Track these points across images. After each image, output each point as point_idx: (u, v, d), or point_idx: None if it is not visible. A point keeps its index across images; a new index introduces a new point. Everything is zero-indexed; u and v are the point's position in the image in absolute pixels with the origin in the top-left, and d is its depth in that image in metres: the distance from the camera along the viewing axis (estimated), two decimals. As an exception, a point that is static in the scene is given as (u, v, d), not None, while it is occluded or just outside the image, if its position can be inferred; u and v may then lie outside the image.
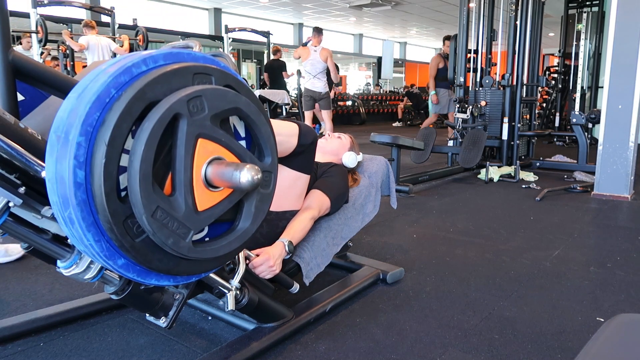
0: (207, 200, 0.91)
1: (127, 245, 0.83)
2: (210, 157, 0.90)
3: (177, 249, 0.86)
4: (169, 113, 0.82)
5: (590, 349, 0.60)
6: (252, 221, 1.00)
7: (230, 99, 0.92)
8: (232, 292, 1.29)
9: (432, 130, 5.02)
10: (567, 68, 8.01)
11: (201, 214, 0.90)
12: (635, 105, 3.50)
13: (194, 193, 0.88)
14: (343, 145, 2.05)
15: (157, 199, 0.82)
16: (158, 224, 0.82)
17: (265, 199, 1.02)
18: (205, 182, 0.90)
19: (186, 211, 0.86)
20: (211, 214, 0.92)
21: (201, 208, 0.90)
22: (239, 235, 0.99)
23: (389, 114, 13.63)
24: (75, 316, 1.62)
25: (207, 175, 0.89)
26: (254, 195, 0.99)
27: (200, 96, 0.86)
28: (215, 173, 0.89)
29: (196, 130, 0.86)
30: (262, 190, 1.01)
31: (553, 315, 1.71)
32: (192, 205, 0.88)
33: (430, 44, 20.90)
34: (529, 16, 4.88)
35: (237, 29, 9.51)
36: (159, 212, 0.83)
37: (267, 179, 1.02)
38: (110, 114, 0.78)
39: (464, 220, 3.04)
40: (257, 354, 1.39)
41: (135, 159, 0.79)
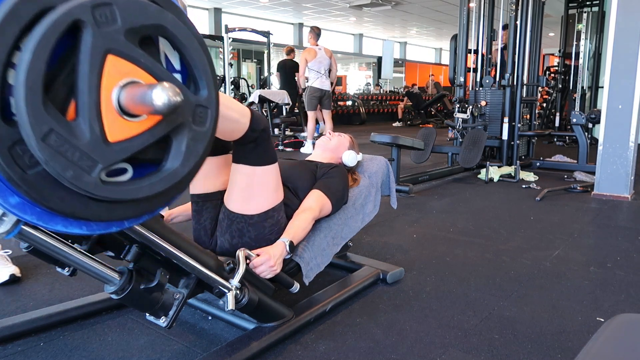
0: (122, 130, 0.77)
1: (16, 177, 0.70)
2: (124, 80, 0.76)
3: (80, 185, 0.73)
4: (67, 17, 0.69)
5: (590, 349, 0.60)
6: (183, 162, 0.86)
7: (152, 14, 0.79)
8: (232, 291, 1.29)
9: (432, 130, 5.02)
10: (567, 68, 8.01)
11: (113, 146, 0.76)
12: (635, 105, 3.50)
13: (102, 119, 0.74)
14: (343, 144, 2.05)
15: (50, 119, 0.69)
16: (51, 151, 0.69)
17: (199, 138, 0.88)
18: (119, 109, 0.76)
19: (91, 140, 0.73)
20: (127, 147, 0.78)
21: (113, 139, 0.76)
22: (164, 176, 0.84)
23: (389, 114, 13.63)
24: (75, 316, 1.62)
25: (120, 100, 0.76)
26: (185, 131, 0.85)
27: (111, 4, 0.73)
28: (130, 97, 0.76)
29: (104, 44, 0.73)
30: (196, 128, 0.87)
31: (553, 315, 1.71)
32: (100, 133, 0.74)
33: (430, 44, 20.90)
34: (529, 16, 4.88)
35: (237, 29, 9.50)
36: (54, 137, 0.69)
37: (201, 114, 0.88)
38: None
39: (464, 220, 3.04)
40: (257, 354, 1.39)
41: (21, 69, 0.67)
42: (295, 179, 1.77)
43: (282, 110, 7.61)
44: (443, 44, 20.40)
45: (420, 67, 20.42)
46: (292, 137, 7.08)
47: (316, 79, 6.14)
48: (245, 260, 1.36)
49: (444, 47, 21.11)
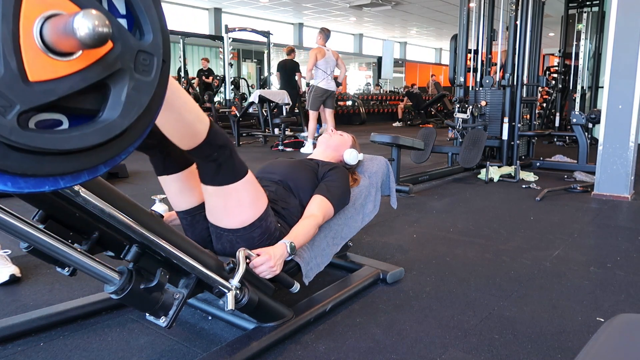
0: (47, 69, 0.68)
1: None
2: (48, 11, 0.67)
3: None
4: None
5: (590, 349, 0.60)
6: (122, 113, 0.76)
7: None
8: (232, 291, 1.29)
9: (432, 130, 5.02)
10: (567, 68, 8.01)
11: (35, 86, 0.66)
12: (635, 105, 3.50)
13: (21, 54, 0.65)
14: (345, 142, 2.05)
15: None
16: None
17: (143, 89, 0.78)
18: (42, 45, 0.67)
19: (6, 76, 0.64)
20: (52, 89, 0.68)
21: (35, 78, 0.67)
22: (100, 127, 0.74)
23: (389, 114, 13.63)
24: (75, 316, 1.62)
25: (44, 34, 0.66)
26: (125, 80, 0.75)
27: None
28: (52, 29, 0.66)
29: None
30: (138, 76, 0.77)
31: (553, 315, 1.71)
32: (18, 70, 0.65)
33: (430, 44, 20.91)
34: (529, 16, 4.88)
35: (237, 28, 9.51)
36: None
37: (145, 62, 0.78)
38: None
39: (464, 220, 3.04)
40: (257, 354, 1.39)
41: None
42: (295, 178, 1.77)
43: (282, 110, 7.61)
44: (443, 44, 20.41)
45: (420, 67, 20.42)
46: (292, 137, 7.08)
47: (322, 79, 6.17)
48: (245, 260, 1.36)
49: (444, 47, 21.12)
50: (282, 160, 1.94)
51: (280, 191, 1.71)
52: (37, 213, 1.08)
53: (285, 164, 1.87)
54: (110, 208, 1.03)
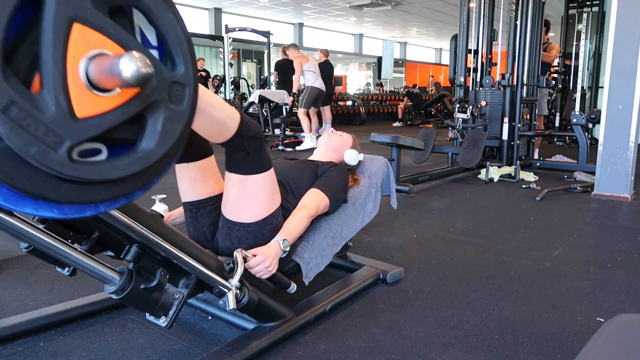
0: (91, 105, 0.72)
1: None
2: (92, 51, 0.71)
3: (45, 162, 0.68)
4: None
5: (590, 349, 0.60)
6: (159, 142, 0.81)
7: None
8: (232, 291, 1.29)
9: (432, 130, 5.02)
10: (567, 68, 8.01)
11: (82, 122, 0.71)
12: (635, 105, 3.50)
13: (69, 93, 0.70)
14: (345, 142, 2.05)
15: (10, 90, 0.65)
16: (12, 125, 0.65)
17: (176, 118, 0.83)
18: (88, 83, 0.72)
19: (57, 114, 0.68)
20: (97, 124, 0.73)
21: (82, 114, 0.71)
22: (139, 157, 0.80)
23: (389, 114, 13.63)
24: (75, 316, 1.62)
25: (89, 73, 0.71)
26: (161, 110, 0.81)
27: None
28: (98, 69, 0.71)
29: (69, 11, 0.68)
30: (172, 106, 0.83)
31: (553, 315, 1.71)
32: (67, 108, 0.69)
33: (430, 44, 20.91)
34: (529, 16, 4.88)
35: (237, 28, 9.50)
36: (15, 110, 0.65)
37: (178, 92, 0.83)
38: None
39: (464, 220, 3.04)
40: (257, 354, 1.39)
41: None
42: (295, 179, 1.77)
43: (282, 110, 7.61)
44: (443, 44, 20.41)
45: (420, 67, 20.42)
46: (292, 137, 7.08)
47: (315, 80, 6.37)
48: (243, 260, 1.36)
49: (444, 47, 21.12)
50: (283, 160, 1.94)
51: (280, 191, 1.71)
52: (37, 213, 1.08)
53: (286, 164, 1.87)
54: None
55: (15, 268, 2.09)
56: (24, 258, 2.18)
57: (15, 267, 2.10)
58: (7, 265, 2.12)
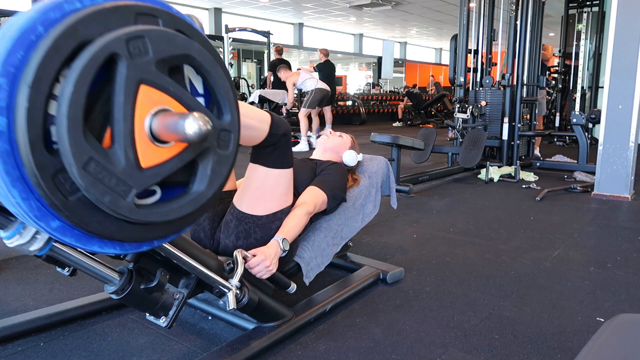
0: (154, 156, 0.81)
1: (59, 203, 0.74)
2: (155, 108, 0.80)
3: (116, 209, 0.77)
4: (104, 51, 0.72)
5: (590, 349, 0.60)
6: (208, 185, 0.90)
7: (180, 44, 0.82)
8: (232, 291, 1.29)
9: (432, 130, 5.02)
10: (567, 68, 8.01)
11: (145, 172, 0.80)
12: (635, 105, 3.50)
13: (136, 146, 0.78)
14: (344, 143, 2.05)
15: (89, 149, 0.73)
16: (91, 178, 0.73)
17: (223, 162, 0.92)
18: (151, 136, 0.80)
19: (126, 166, 0.77)
20: (158, 172, 0.82)
21: (146, 165, 0.80)
22: (192, 199, 0.89)
23: (389, 114, 13.63)
24: (75, 316, 1.62)
25: (152, 127, 0.80)
26: (210, 156, 0.89)
27: (143, 37, 0.77)
28: (161, 125, 0.80)
29: (137, 75, 0.77)
30: (220, 151, 0.91)
31: (553, 315, 1.71)
32: (134, 160, 0.78)
33: (430, 44, 20.90)
34: (529, 16, 4.88)
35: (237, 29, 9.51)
36: (93, 165, 0.73)
37: (225, 138, 0.91)
38: (35, 53, 0.69)
39: (464, 220, 3.04)
40: (257, 354, 1.39)
41: (63, 102, 0.70)
42: (295, 178, 1.77)
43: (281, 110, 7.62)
44: (443, 44, 20.41)
45: (420, 67, 20.41)
46: (292, 137, 7.10)
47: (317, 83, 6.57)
48: (243, 260, 1.36)
49: (444, 47, 21.11)
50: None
51: None
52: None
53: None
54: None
55: (15, 268, 2.09)
56: (24, 258, 2.18)
57: (15, 267, 2.10)
58: (7, 265, 2.12)
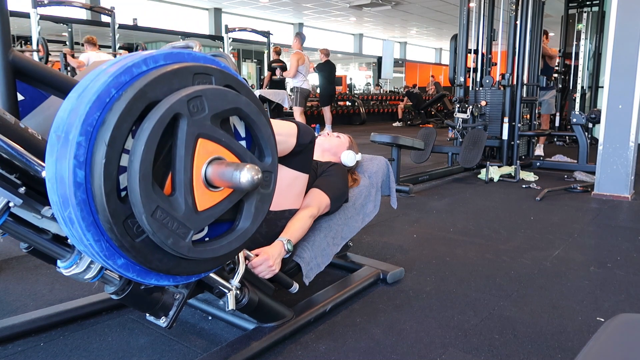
0: (207, 200, 0.91)
1: (127, 245, 0.83)
2: (210, 157, 0.90)
3: (176, 249, 0.86)
4: (170, 113, 0.82)
5: (590, 349, 0.60)
6: (252, 221, 1.00)
7: (231, 99, 0.92)
8: (232, 291, 1.29)
9: (432, 130, 5.02)
10: (567, 68, 8.01)
11: (201, 214, 0.89)
12: (635, 105, 3.50)
13: (194, 193, 0.88)
14: (342, 144, 2.05)
15: (156, 198, 0.82)
16: (158, 224, 0.82)
17: (265, 199, 1.02)
18: (206, 182, 0.90)
19: (186, 211, 0.86)
20: (211, 214, 0.91)
21: (201, 208, 0.89)
22: (239, 235, 0.99)
23: (389, 114, 13.63)
24: (75, 316, 1.62)
25: (207, 175, 0.89)
26: (254, 196, 0.99)
27: (201, 96, 0.86)
28: (216, 173, 0.89)
29: (196, 131, 0.86)
30: (262, 190, 1.01)
31: (553, 315, 1.71)
32: (192, 205, 0.87)
33: (430, 43, 20.91)
34: (529, 16, 4.88)
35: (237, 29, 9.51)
36: (159, 212, 0.82)
37: (267, 179, 1.02)
38: (110, 114, 0.78)
39: (464, 220, 3.04)
40: (257, 354, 1.39)
41: (135, 159, 0.79)
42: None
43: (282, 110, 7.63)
44: (443, 44, 20.41)
45: (420, 67, 20.42)
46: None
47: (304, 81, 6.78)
48: (245, 260, 1.36)
49: (444, 47, 21.11)
50: (282, 160, 1.94)
51: None
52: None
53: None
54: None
55: (15, 268, 2.09)
56: (24, 258, 2.18)
57: (15, 267, 2.10)
58: (7, 265, 2.12)
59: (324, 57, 8.00)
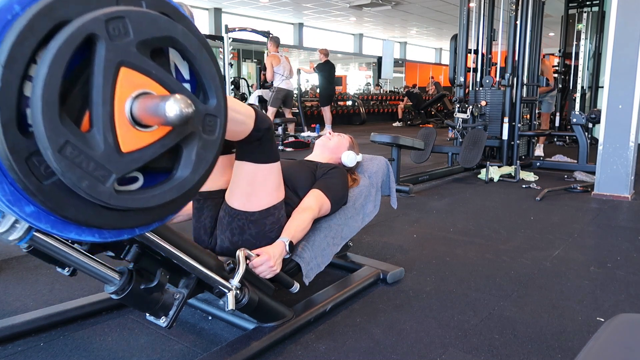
0: (135, 140, 0.79)
1: (33, 187, 0.72)
2: (136, 91, 0.78)
3: (94, 195, 0.75)
4: (81, 32, 0.70)
5: (590, 349, 0.60)
6: (193, 170, 0.87)
7: (163, 26, 0.80)
8: (232, 291, 1.29)
9: (432, 130, 5.02)
10: (567, 68, 8.01)
11: (126, 156, 0.77)
12: (635, 105, 3.50)
13: (116, 130, 0.76)
14: (343, 144, 2.05)
15: (65, 132, 0.71)
16: (67, 163, 0.71)
17: (209, 147, 0.89)
18: (132, 120, 0.78)
19: (106, 150, 0.75)
20: (139, 157, 0.79)
21: (126, 149, 0.77)
22: (175, 185, 0.86)
23: (389, 114, 13.62)
24: (75, 316, 1.62)
25: (133, 111, 0.77)
26: (195, 141, 0.87)
27: (123, 17, 0.75)
28: (142, 108, 0.77)
29: (117, 57, 0.75)
30: (205, 136, 0.88)
31: (553, 315, 1.71)
32: (114, 144, 0.76)
33: (431, 43, 20.89)
34: (529, 16, 4.88)
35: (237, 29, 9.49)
36: (69, 149, 0.71)
37: (211, 123, 0.89)
38: (10, 32, 0.68)
39: (464, 220, 3.04)
40: (257, 354, 1.39)
41: (37, 83, 0.68)
42: (294, 179, 1.77)
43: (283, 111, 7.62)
44: (443, 44, 20.40)
45: (420, 67, 20.40)
46: (292, 137, 7.09)
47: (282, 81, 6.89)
48: (245, 260, 1.36)
49: (444, 47, 21.10)
50: (281, 161, 1.94)
51: None
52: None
53: (285, 164, 1.87)
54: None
55: (15, 268, 2.09)
56: (24, 258, 2.18)
57: (15, 267, 2.10)
58: (7, 265, 2.12)
59: (323, 57, 8.00)
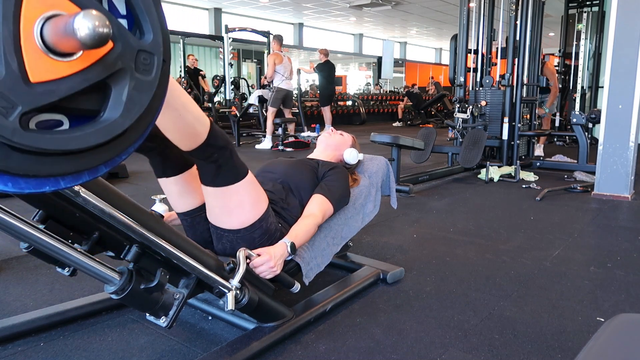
0: (48, 70, 0.67)
1: None
2: (49, 12, 0.66)
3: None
4: None
5: (590, 349, 0.60)
6: (123, 113, 0.75)
7: None
8: (232, 291, 1.29)
9: (432, 130, 5.02)
10: (567, 68, 8.01)
11: (36, 87, 0.66)
12: (635, 105, 3.50)
13: (22, 56, 0.65)
14: (345, 141, 2.05)
15: None
16: None
17: (143, 88, 0.78)
18: (43, 45, 0.67)
19: (7, 77, 0.63)
20: (53, 90, 0.68)
21: (36, 79, 0.66)
22: (101, 127, 0.74)
23: (389, 114, 13.63)
24: (75, 316, 1.62)
25: (44, 35, 0.66)
26: (126, 79, 0.75)
27: None
28: (53, 30, 0.66)
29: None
30: (139, 76, 0.77)
31: (553, 315, 1.71)
32: (19, 71, 0.64)
33: (431, 43, 20.90)
34: (529, 16, 4.88)
35: (237, 29, 9.51)
36: None
37: (146, 61, 0.78)
38: None
39: (464, 220, 3.04)
40: (257, 354, 1.39)
41: None
42: (295, 178, 1.77)
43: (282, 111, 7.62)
44: (443, 44, 20.40)
45: (420, 67, 20.41)
46: (292, 136, 7.09)
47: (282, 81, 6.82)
48: (246, 260, 1.36)
49: (444, 47, 21.11)
50: (282, 159, 1.94)
51: (280, 191, 1.71)
52: (37, 213, 1.08)
53: (285, 163, 1.87)
54: (110, 208, 1.03)
55: (15, 268, 2.09)
56: (24, 258, 2.18)
57: (15, 267, 2.10)
58: (7, 265, 2.12)
59: (323, 57, 8.00)
